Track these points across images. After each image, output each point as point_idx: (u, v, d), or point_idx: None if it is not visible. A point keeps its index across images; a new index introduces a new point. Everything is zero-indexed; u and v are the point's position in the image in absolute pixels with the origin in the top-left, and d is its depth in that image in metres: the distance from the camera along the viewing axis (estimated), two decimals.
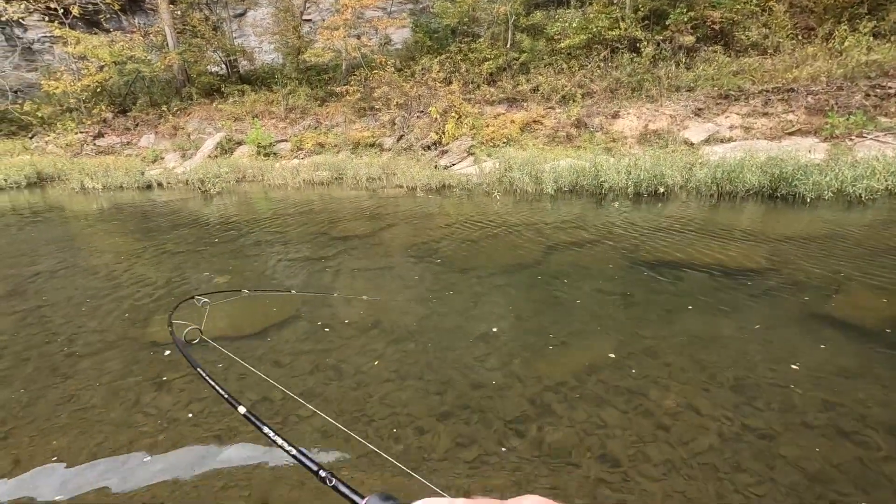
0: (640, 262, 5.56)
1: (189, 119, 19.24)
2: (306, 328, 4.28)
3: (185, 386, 3.43)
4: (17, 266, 6.57)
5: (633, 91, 13.94)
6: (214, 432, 2.93)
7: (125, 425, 3.03)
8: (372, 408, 3.09)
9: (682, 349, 3.64)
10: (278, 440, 0.80)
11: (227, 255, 6.63)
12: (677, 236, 6.45)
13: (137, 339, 4.20)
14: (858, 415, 2.82)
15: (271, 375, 3.39)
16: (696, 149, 11.33)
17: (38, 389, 3.47)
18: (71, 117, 20.04)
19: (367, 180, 12.07)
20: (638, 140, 12.82)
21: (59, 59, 21.82)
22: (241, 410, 0.97)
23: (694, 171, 9.11)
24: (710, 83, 13.01)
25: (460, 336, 4.01)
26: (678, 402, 3.02)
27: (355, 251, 6.57)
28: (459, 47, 17.30)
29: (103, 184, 13.68)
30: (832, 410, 2.87)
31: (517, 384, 3.29)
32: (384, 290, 5.10)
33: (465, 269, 5.61)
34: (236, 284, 5.49)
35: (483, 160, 12.63)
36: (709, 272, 5.11)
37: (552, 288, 4.93)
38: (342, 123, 17.05)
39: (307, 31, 20.42)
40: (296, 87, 18.86)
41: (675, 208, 8.13)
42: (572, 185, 9.68)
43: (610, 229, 6.97)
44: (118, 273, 6.05)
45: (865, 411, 2.85)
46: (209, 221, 8.95)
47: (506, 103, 15.52)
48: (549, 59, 15.75)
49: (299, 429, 2.95)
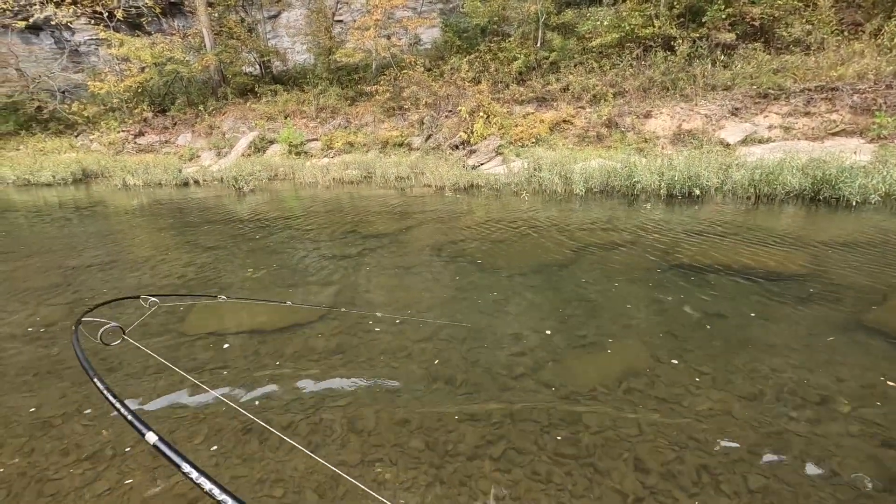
0: (674, 265, 5.44)
1: (224, 118, 19.79)
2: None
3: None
4: (65, 258, 6.90)
5: (666, 90, 13.63)
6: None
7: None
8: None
9: (717, 355, 3.55)
10: (205, 485, 0.58)
11: (259, 252, 6.80)
12: (713, 239, 6.28)
13: (179, 331, 4.34)
14: None
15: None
16: (732, 149, 11.00)
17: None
18: (114, 116, 20.89)
19: (395, 179, 12.17)
20: (671, 140, 12.53)
21: (103, 60, 22.77)
22: (149, 439, 0.73)
23: (730, 172, 8.84)
24: (748, 82, 12.61)
25: (487, 337, 4.00)
26: (713, 410, 2.94)
27: (382, 249, 6.64)
28: (489, 46, 17.25)
29: (143, 181, 14.22)
30: (876, 424, 2.75)
31: (545, 387, 3.27)
32: (411, 291, 5.14)
33: (492, 268, 5.60)
34: (267, 281, 5.61)
35: (511, 160, 12.57)
36: (746, 277, 4.96)
37: (582, 290, 4.87)
38: (371, 123, 17.24)
39: (338, 31, 20.72)
40: (327, 87, 19.17)
41: (710, 211, 7.91)
42: (603, 185, 9.54)
43: (642, 231, 6.84)
44: (156, 266, 6.28)
45: None
46: (242, 218, 9.20)
47: (535, 103, 15.40)
48: (579, 57, 15.56)
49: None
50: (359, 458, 2.66)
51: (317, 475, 2.54)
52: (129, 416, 0.80)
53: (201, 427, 2.97)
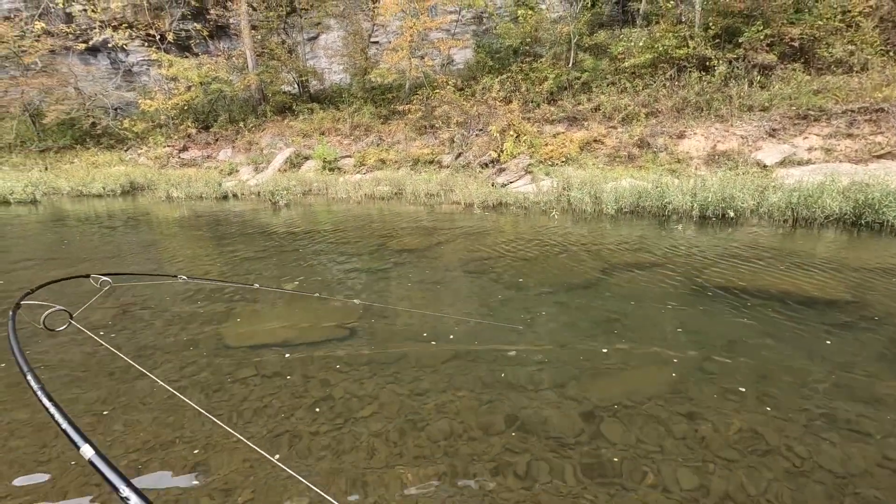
0: (705, 287, 5.34)
1: (263, 135, 20.58)
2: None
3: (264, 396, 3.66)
4: (113, 267, 7.29)
5: (700, 110, 13.46)
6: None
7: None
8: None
9: (748, 379, 3.46)
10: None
11: (292, 264, 7.02)
12: (747, 262, 6.14)
13: (216, 337, 4.53)
14: None
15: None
16: (769, 171, 10.74)
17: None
18: (161, 132, 22.02)
19: (425, 196, 12.36)
20: (705, 161, 12.32)
21: (153, 80, 24.12)
22: (84, 453, 0.63)
23: (767, 194, 8.63)
24: (786, 102, 12.33)
25: (512, 351, 4.02)
26: (743, 433, 2.88)
27: (410, 264, 6.75)
28: (520, 67, 17.47)
29: (186, 193, 14.90)
30: None
31: (570, 402, 3.26)
32: (437, 303, 5.21)
33: (519, 285, 5.62)
34: (295, 293, 5.78)
35: (541, 178, 12.60)
36: (781, 301, 4.83)
37: (609, 309, 4.83)
38: (403, 140, 17.61)
39: (373, 52, 21.38)
40: (361, 106, 19.73)
41: (744, 233, 7.73)
42: (633, 205, 9.45)
43: (673, 252, 6.74)
44: (197, 273, 6.57)
45: None
46: (277, 231, 9.52)
47: (565, 122, 15.44)
48: (611, 77, 15.57)
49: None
50: (384, 463, 2.72)
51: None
52: (65, 423, 0.67)
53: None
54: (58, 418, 0.76)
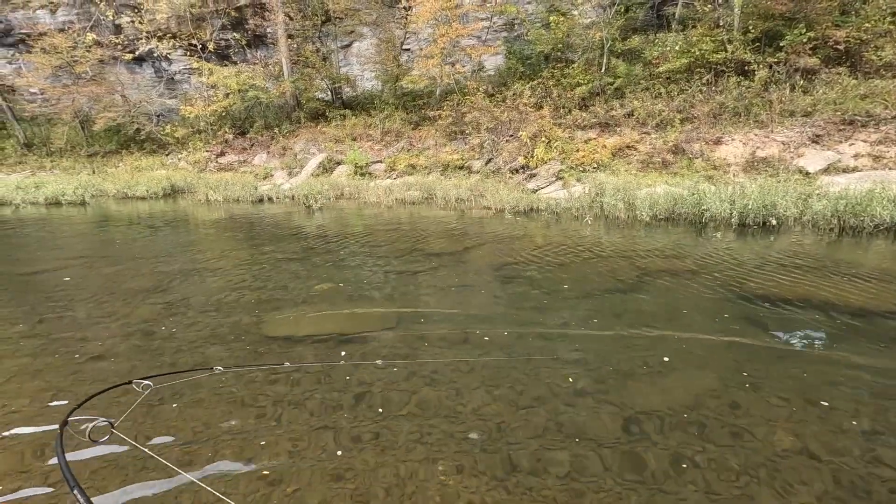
0: (746, 296, 5.19)
1: (296, 140, 21.09)
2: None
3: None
4: (157, 265, 7.60)
5: (738, 116, 13.11)
6: None
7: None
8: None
9: (793, 390, 3.35)
10: None
11: (325, 266, 7.17)
12: (790, 272, 5.94)
13: (256, 332, 4.67)
14: None
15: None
16: (812, 178, 10.36)
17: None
18: (200, 138, 22.84)
19: (455, 201, 12.43)
20: (743, 168, 11.98)
21: (194, 87, 25.08)
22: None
23: (810, 202, 8.33)
24: (831, 108, 11.89)
25: (547, 357, 4.01)
26: (790, 444, 2.79)
27: (442, 269, 6.80)
28: (552, 72, 17.40)
29: (223, 196, 15.39)
30: None
31: (609, 407, 3.23)
32: (469, 307, 5.23)
33: (552, 291, 5.59)
34: (332, 294, 5.89)
35: (572, 184, 12.50)
36: (827, 312, 4.65)
37: (645, 317, 4.76)
38: (433, 146, 17.75)
39: (405, 59, 21.67)
40: (392, 112, 20.01)
41: (787, 242, 7.48)
42: (668, 212, 9.26)
43: (711, 260, 6.58)
44: (230, 275, 6.78)
45: None
46: (310, 234, 9.73)
47: (597, 128, 15.28)
48: (645, 83, 15.33)
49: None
50: (422, 459, 2.75)
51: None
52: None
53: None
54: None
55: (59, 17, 24.50)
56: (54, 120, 24.26)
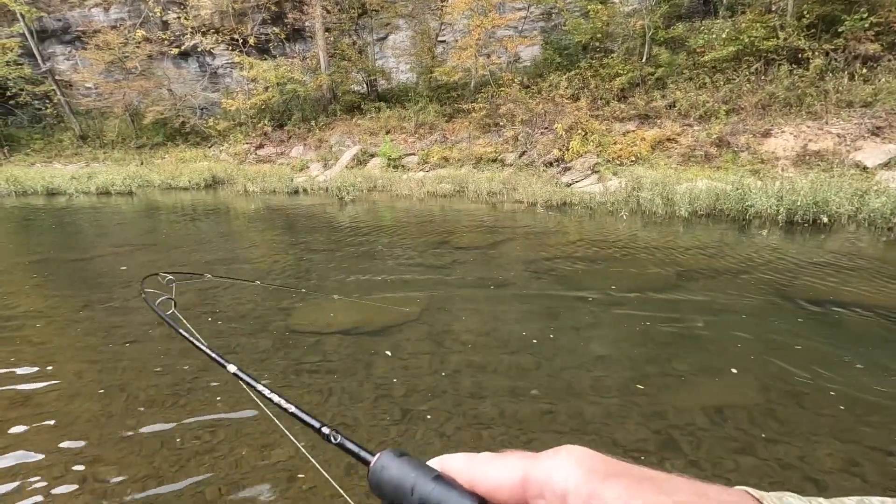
0: (793, 298, 4.90)
1: (332, 133, 21.40)
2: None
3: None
4: (194, 253, 7.87)
5: (789, 107, 12.38)
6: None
7: None
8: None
9: (843, 403, 3.13)
10: (274, 398, 0.69)
11: (357, 257, 7.23)
12: (843, 273, 5.57)
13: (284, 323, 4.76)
14: None
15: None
16: (870, 173, 9.69)
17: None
18: (240, 130, 23.50)
19: (487, 194, 12.31)
20: (793, 162, 11.32)
21: (235, 81, 25.79)
22: (230, 369, 0.86)
23: (867, 198, 7.78)
24: (894, 98, 11.06)
25: (576, 356, 3.90)
26: (834, 461, 2.60)
27: (471, 263, 6.73)
28: (590, 63, 16.93)
29: (261, 188, 15.80)
30: None
31: (637, 412, 3.10)
32: (497, 303, 5.15)
33: (585, 288, 5.44)
34: (364, 284, 5.93)
35: (608, 178, 12.15)
36: (885, 318, 4.33)
37: (682, 318, 4.55)
38: (467, 139, 17.63)
39: (440, 51, 21.57)
40: (426, 105, 19.97)
41: (839, 241, 7.02)
42: (710, 208, 8.86)
43: (755, 259, 6.25)
44: (267, 262, 6.94)
45: None
46: (343, 225, 9.85)
47: (636, 120, 14.77)
48: (689, 73, 14.69)
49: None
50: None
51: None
52: (213, 353, 0.92)
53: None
54: (207, 351, 0.94)
55: (112, 14, 25.64)
56: (107, 114, 25.48)
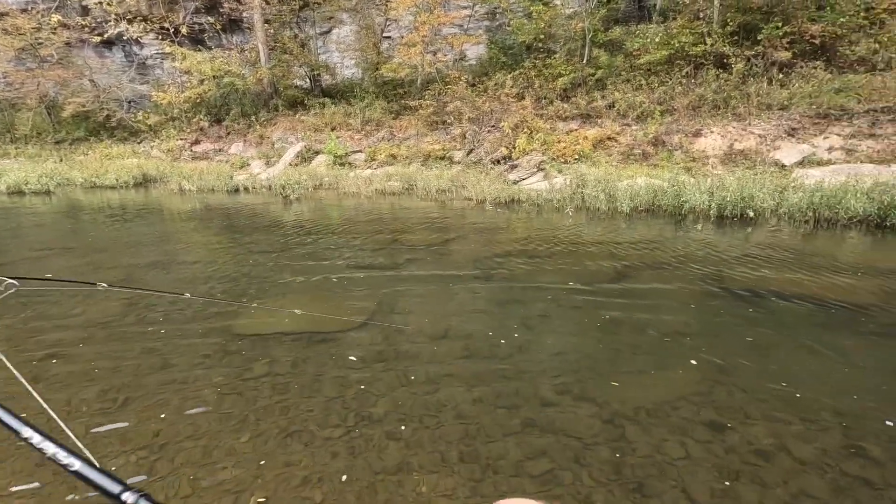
0: (725, 289, 5.21)
1: (274, 129, 20.60)
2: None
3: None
4: (123, 257, 7.30)
5: (717, 109, 13.21)
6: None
7: None
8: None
9: (773, 387, 3.34)
10: (48, 448, 0.55)
11: (300, 258, 6.97)
12: (768, 264, 5.99)
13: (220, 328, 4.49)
14: None
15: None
16: (787, 171, 10.51)
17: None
18: (173, 125, 22.12)
19: (436, 192, 12.28)
20: (721, 160, 12.10)
21: (167, 73, 24.24)
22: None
23: (786, 194, 8.43)
24: (806, 101, 12.06)
25: (527, 353, 3.94)
26: (769, 442, 2.77)
27: (422, 261, 6.67)
28: (534, 63, 17.28)
29: (197, 186, 14.93)
30: None
31: (588, 405, 3.17)
32: (448, 301, 5.13)
33: (533, 285, 5.52)
34: (307, 286, 5.72)
35: (553, 176, 12.45)
36: (804, 305, 4.69)
37: (625, 311, 4.72)
38: (414, 136, 17.52)
39: (386, 47, 21.28)
40: (372, 101, 19.66)
41: (764, 234, 7.56)
42: (649, 204, 9.29)
43: (691, 253, 6.60)
44: (204, 267, 6.54)
45: None
46: (287, 225, 9.48)
47: (579, 119, 15.25)
48: (626, 74, 15.33)
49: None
50: (397, 463, 2.65)
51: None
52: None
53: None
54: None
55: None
56: (18, 105, 23.20)
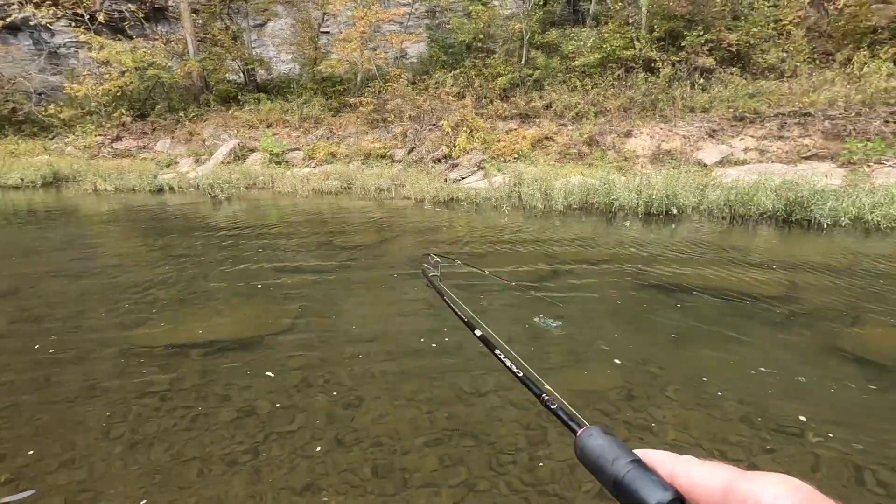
0: (649, 284, 5.40)
1: (205, 125, 19.50)
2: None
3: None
4: (18, 265, 6.58)
5: (646, 110, 13.84)
6: None
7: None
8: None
9: (689, 380, 3.47)
10: (507, 362, 0.83)
11: (224, 262, 6.57)
12: (689, 259, 6.28)
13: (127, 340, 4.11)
14: (873, 455, 2.64)
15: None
16: (709, 170, 11.17)
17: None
18: (91, 120, 20.41)
19: (375, 191, 12.05)
20: (650, 160, 12.68)
21: (82, 63, 22.33)
22: (476, 333, 1.03)
23: (706, 192, 8.94)
24: (725, 105, 12.88)
25: (453, 355, 3.87)
26: (681, 438, 2.85)
27: (354, 263, 6.48)
28: (474, 62, 17.39)
29: (116, 186, 13.83)
30: (846, 451, 2.69)
31: (511, 409, 3.14)
32: (380, 303, 4.99)
33: (465, 284, 5.48)
34: (229, 292, 5.41)
35: (493, 175, 12.57)
36: (720, 297, 4.93)
37: (555, 309, 4.77)
38: (354, 134, 17.15)
39: (324, 42, 20.69)
40: (311, 98, 19.06)
41: (686, 230, 7.95)
42: (582, 202, 9.55)
43: (619, 249, 6.82)
44: (116, 275, 6.02)
45: (879, 451, 2.66)
46: (212, 227, 8.95)
47: (518, 119, 15.51)
48: (562, 76, 15.75)
49: None
50: (304, 485, 2.49)
51: None
52: (466, 319, 1.14)
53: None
54: (460, 314, 1.20)
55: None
56: None
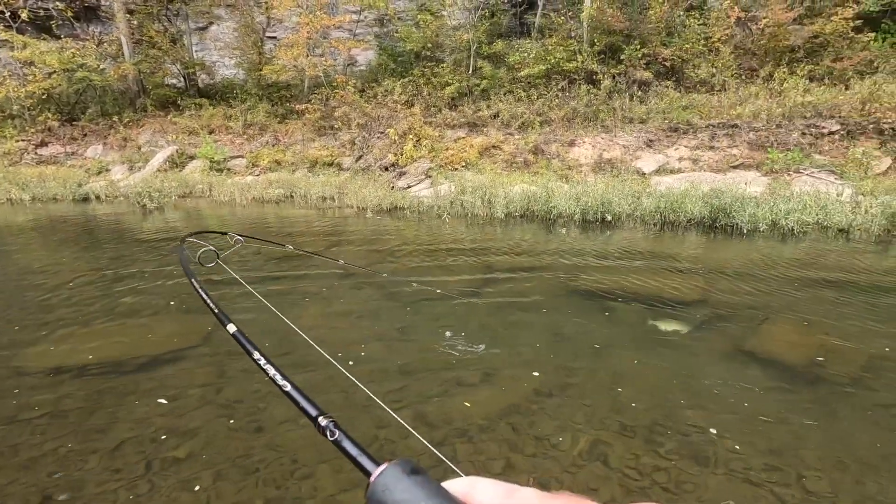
0: (579, 291, 5.45)
1: (141, 131, 18.54)
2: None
3: None
4: None
5: (589, 121, 14.24)
6: None
7: None
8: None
9: (604, 389, 3.47)
10: (270, 371, 0.65)
11: (134, 276, 6.16)
12: (619, 265, 6.41)
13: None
14: (787, 458, 2.69)
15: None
16: (647, 178, 11.57)
17: None
18: (13, 124, 18.97)
19: (317, 199, 11.75)
20: (592, 168, 13.02)
21: (3, 63, 20.77)
22: (229, 329, 0.84)
23: (641, 200, 9.23)
24: (661, 116, 13.43)
25: (371, 367, 3.73)
26: (589, 450, 2.81)
27: (280, 276, 6.22)
28: (422, 71, 17.39)
29: (34, 195, 12.85)
30: (747, 457, 2.73)
31: (423, 426, 3.03)
32: (298, 318, 4.78)
33: (394, 291, 5.36)
34: (124, 312, 5.04)
35: (440, 183, 12.53)
36: (643, 303, 5.03)
37: (486, 317, 4.72)
38: (301, 142, 16.74)
39: (270, 47, 20.17)
40: (255, 104, 18.50)
41: (621, 236, 8.16)
42: (524, 210, 9.65)
43: (554, 256, 6.88)
44: (13, 292, 5.51)
45: (789, 454, 2.72)
46: (133, 238, 8.42)
47: (466, 128, 15.59)
48: (509, 86, 15.99)
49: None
50: None
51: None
52: (216, 310, 0.95)
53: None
54: (211, 306, 1.02)
55: None
56: None
